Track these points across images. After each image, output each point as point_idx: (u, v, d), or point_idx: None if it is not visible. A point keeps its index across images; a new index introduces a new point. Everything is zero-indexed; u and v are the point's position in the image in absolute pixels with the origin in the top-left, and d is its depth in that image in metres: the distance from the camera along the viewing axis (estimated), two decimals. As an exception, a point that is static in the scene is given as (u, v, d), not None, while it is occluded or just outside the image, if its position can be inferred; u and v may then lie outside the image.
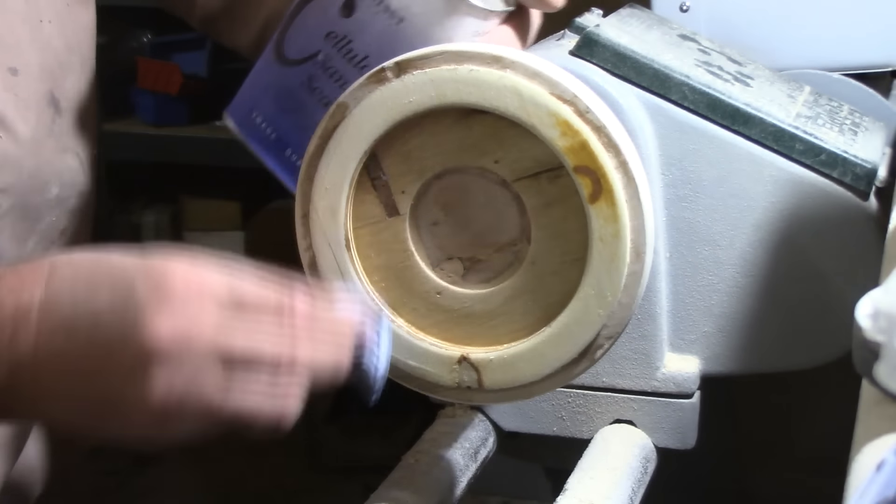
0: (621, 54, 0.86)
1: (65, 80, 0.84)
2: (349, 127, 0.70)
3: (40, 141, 0.81)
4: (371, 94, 0.69)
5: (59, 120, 0.83)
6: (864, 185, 0.86)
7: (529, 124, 0.68)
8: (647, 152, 0.86)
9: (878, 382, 0.51)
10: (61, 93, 0.83)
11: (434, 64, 0.69)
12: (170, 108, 2.09)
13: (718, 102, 0.86)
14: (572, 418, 0.91)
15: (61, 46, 0.83)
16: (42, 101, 0.81)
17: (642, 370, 0.90)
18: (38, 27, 0.81)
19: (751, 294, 0.88)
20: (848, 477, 0.49)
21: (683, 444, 0.90)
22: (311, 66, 0.77)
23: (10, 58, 0.79)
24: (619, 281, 0.69)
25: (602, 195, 0.69)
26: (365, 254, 0.73)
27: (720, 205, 0.87)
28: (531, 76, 0.68)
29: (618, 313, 0.69)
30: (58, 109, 0.83)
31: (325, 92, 0.77)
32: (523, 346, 0.71)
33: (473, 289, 0.72)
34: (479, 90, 0.68)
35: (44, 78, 0.81)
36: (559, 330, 0.70)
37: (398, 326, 0.72)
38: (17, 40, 0.80)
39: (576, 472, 0.83)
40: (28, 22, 0.80)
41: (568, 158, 0.69)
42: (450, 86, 0.68)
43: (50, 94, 0.82)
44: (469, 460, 0.88)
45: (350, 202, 0.72)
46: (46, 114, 0.81)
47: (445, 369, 0.72)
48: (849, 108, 0.99)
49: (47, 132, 0.82)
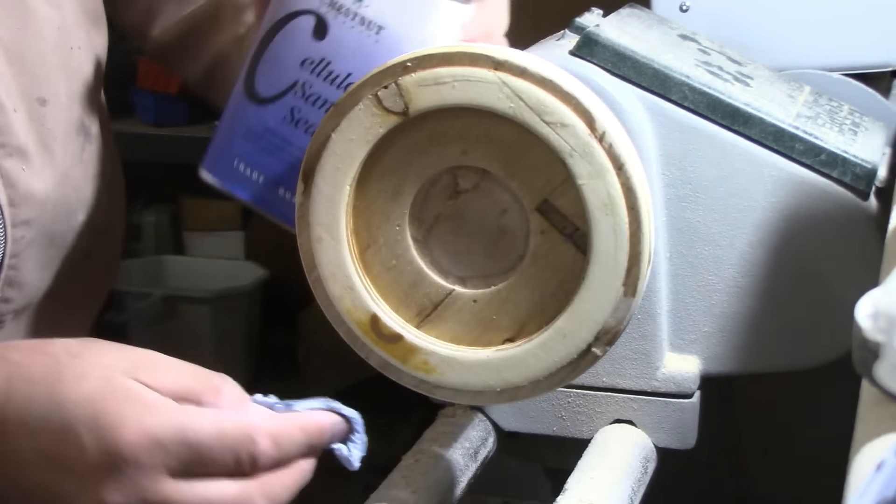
0: (621, 54, 0.86)
1: (94, 107, 0.83)
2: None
3: (67, 171, 0.79)
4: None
5: (90, 147, 0.82)
6: (864, 185, 0.86)
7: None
8: (647, 152, 0.86)
9: (878, 382, 0.51)
10: (92, 120, 0.82)
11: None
12: (170, 108, 2.09)
13: (718, 102, 0.86)
14: (572, 418, 0.91)
15: (91, 73, 0.82)
16: (71, 130, 0.80)
17: (642, 370, 0.90)
18: (68, 55, 0.80)
19: (751, 294, 0.88)
20: (848, 477, 0.49)
21: (683, 444, 0.90)
22: (290, 99, 0.75)
23: (39, 88, 0.77)
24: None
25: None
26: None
27: (720, 205, 0.87)
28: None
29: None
30: (88, 136, 0.81)
31: (311, 120, 0.74)
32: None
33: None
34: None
35: (73, 107, 0.80)
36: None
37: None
38: (47, 70, 0.78)
39: (576, 472, 0.83)
40: (59, 50, 0.79)
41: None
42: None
43: (80, 123, 0.80)
44: (469, 460, 0.88)
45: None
46: (76, 143, 0.80)
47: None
48: (849, 108, 0.99)
49: (76, 161, 0.80)
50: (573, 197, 0.68)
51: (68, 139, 0.79)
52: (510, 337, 0.72)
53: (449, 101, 0.68)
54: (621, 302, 0.69)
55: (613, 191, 0.68)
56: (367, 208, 0.72)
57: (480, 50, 0.68)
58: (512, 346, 0.71)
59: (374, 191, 0.71)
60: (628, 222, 0.68)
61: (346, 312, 0.72)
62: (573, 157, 0.67)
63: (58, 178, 0.78)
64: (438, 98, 0.68)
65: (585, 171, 0.68)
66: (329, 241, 0.71)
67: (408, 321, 0.72)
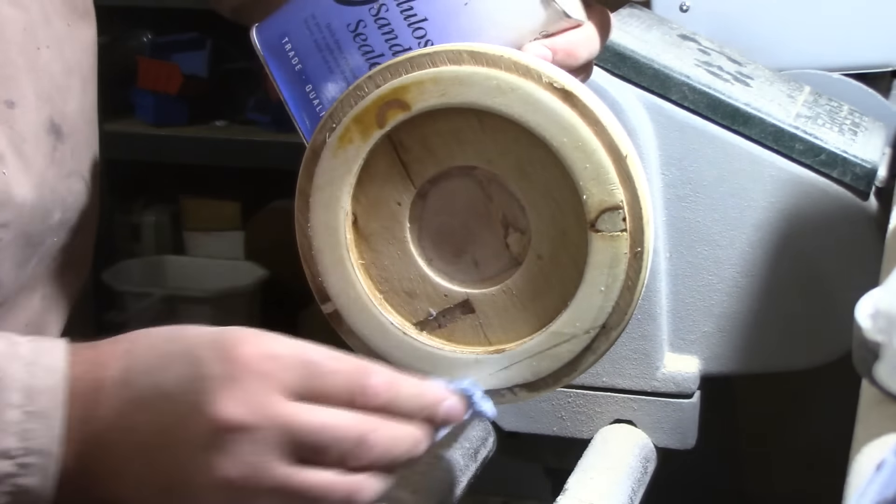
0: (621, 54, 0.86)
1: (65, 105, 0.83)
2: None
3: (42, 172, 0.79)
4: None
5: (62, 146, 0.82)
6: (863, 185, 0.86)
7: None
8: (647, 152, 0.86)
9: (878, 382, 0.51)
10: (62, 118, 0.82)
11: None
12: (170, 108, 2.09)
13: (718, 102, 0.86)
14: (572, 418, 0.91)
15: (59, 71, 0.82)
16: (41, 130, 0.80)
17: (642, 370, 0.90)
18: (35, 55, 0.80)
19: (751, 294, 0.88)
20: (848, 477, 0.49)
21: (683, 444, 0.90)
22: (363, 11, 0.74)
23: (6, 91, 0.77)
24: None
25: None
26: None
27: (720, 205, 0.87)
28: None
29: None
30: (59, 135, 0.81)
31: (370, 42, 0.74)
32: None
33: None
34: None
35: (41, 107, 0.80)
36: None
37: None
38: (13, 72, 0.78)
39: (576, 472, 0.83)
40: (25, 52, 0.79)
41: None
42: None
43: (49, 122, 0.81)
44: (469, 460, 0.88)
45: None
46: (46, 142, 0.80)
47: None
48: (849, 108, 0.99)
49: (49, 161, 0.80)
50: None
51: (39, 140, 0.79)
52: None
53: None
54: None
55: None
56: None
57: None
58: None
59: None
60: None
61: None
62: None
63: (33, 179, 0.78)
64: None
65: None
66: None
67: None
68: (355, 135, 0.70)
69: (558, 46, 0.72)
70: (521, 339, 0.71)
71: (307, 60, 0.76)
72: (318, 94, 0.75)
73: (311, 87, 0.76)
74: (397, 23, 0.73)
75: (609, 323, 0.69)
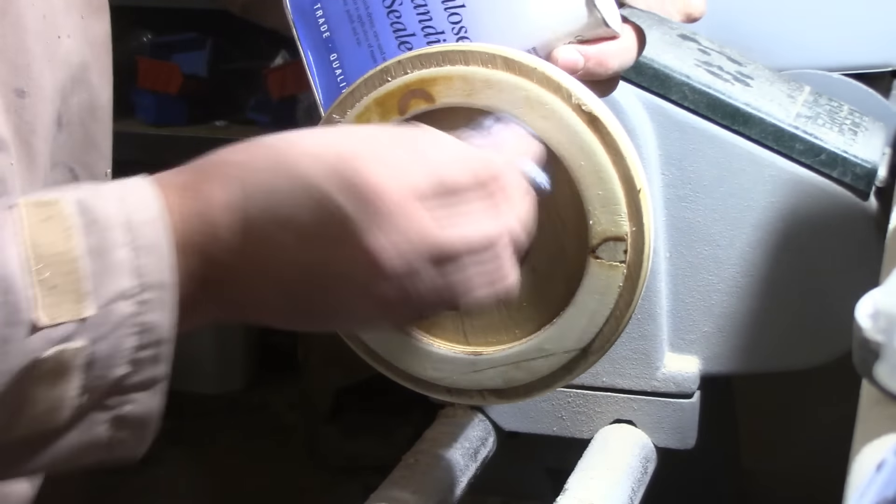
0: (621, 54, 0.86)
1: (72, 97, 0.82)
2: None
3: (47, 164, 0.79)
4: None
5: (59, 136, 0.81)
6: (863, 185, 0.86)
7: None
8: (647, 152, 0.86)
9: (878, 382, 0.51)
10: (65, 109, 0.82)
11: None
12: (170, 108, 2.09)
13: (718, 102, 0.86)
14: (572, 418, 0.91)
15: (77, 63, 0.82)
16: (52, 122, 0.79)
17: (642, 370, 0.90)
18: (55, 43, 0.79)
19: (751, 294, 0.88)
20: (848, 477, 0.49)
21: (683, 444, 0.90)
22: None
23: (17, 79, 0.77)
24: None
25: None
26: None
27: (720, 205, 0.87)
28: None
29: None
30: (59, 126, 0.81)
31: (403, 20, 0.74)
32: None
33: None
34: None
35: (56, 98, 0.80)
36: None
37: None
38: (28, 60, 0.77)
39: (576, 472, 0.83)
40: (43, 39, 0.78)
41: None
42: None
43: (57, 113, 0.80)
44: (469, 460, 0.88)
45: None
46: (51, 132, 0.80)
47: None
48: (849, 108, 0.99)
49: (49, 150, 0.80)
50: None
51: (48, 132, 0.79)
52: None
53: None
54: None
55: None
56: None
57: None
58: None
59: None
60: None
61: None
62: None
63: (38, 172, 0.78)
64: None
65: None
66: None
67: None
68: (374, 116, 0.70)
69: (591, 54, 0.72)
70: (500, 346, 0.71)
71: (337, 29, 0.75)
72: (342, 64, 0.75)
73: (335, 57, 0.76)
74: (434, 4, 0.73)
75: (591, 347, 0.69)
